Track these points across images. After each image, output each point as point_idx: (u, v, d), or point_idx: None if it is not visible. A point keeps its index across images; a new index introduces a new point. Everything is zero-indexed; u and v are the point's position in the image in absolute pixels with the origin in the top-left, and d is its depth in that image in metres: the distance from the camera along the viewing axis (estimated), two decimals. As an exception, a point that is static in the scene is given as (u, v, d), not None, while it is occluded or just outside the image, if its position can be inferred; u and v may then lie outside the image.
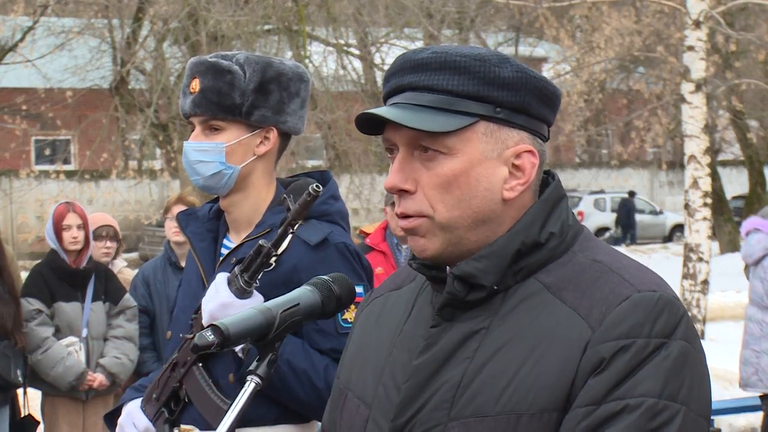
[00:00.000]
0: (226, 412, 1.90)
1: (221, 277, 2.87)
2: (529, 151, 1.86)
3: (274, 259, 2.82)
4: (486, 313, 1.84)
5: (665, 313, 1.76)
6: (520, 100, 1.85)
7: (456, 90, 1.84)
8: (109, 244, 6.99)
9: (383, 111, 1.85)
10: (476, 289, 1.84)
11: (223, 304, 2.81)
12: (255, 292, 2.84)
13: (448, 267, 1.90)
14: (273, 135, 3.02)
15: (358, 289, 2.91)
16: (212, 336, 1.82)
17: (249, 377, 1.87)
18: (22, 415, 6.47)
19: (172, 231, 6.80)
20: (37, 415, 6.60)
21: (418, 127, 1.81)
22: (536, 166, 1.87)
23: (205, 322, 2.85)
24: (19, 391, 6.41)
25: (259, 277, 2.82)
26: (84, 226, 6.46)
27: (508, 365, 1.79)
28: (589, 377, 1.73)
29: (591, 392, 1.72)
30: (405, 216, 1.87)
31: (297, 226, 2.82)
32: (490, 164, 1.84)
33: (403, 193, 1.86)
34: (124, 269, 7.21)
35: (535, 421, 1.75)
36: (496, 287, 1.84)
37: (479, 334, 1.83)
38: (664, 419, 1.70)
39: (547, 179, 1.94)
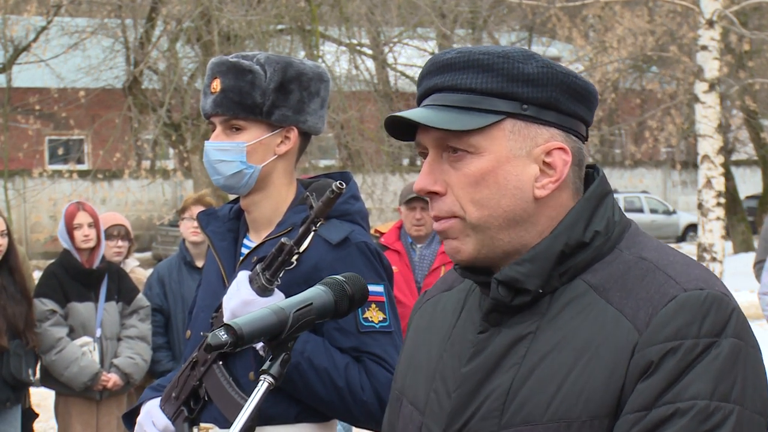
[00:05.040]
0: (246, 410, 1.91)
1: (243, 275, 2.87)
2: (561, 149, 1.82)
3: (295, 257, 2.82)
4: (533, 317, 1.80)
5: (713, 311, 1.71)
6: (547, 95, 1.81)
7: (480, 88, 1.81)
8: (120, 243, 7.01)
9: (407, 113, 1.83)
10: (521, 294, 1.80)
11: (244, 301, 2.81)
12: (276, 290, 2.84)
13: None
14: (293, 134, 3.03)
15: (378, 289, 2.92)
16: (225, 335, 1.82)
17: (262, 377, 1.87)
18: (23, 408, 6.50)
19: (189, 231, 6.80)
20: (41, 412, 6.60)
21: (441, 126, 1.80)
22: (568, 163, 1.82)
23: (226, 319, 2.85)
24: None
25: (280, 275, 2.82)
26: (95, 224, 6.48)
27: (556, 371, 1.75)
28: (637, 382, 1.69)
29: (640, 397, 1.69)
30: (437, 218, 1.85)
31: (319, 224, 2.82)
32: (518, 162, 1.81)
33: (433, 195, 1.84)
34: (136, 269, 7.22)
35: (586, 428, 1.71)
36: (541, 290, 1.80)
37: (527, 338, 1.79)
38: (717, 421, 1.66)
39: (592, 174, 1.89)
